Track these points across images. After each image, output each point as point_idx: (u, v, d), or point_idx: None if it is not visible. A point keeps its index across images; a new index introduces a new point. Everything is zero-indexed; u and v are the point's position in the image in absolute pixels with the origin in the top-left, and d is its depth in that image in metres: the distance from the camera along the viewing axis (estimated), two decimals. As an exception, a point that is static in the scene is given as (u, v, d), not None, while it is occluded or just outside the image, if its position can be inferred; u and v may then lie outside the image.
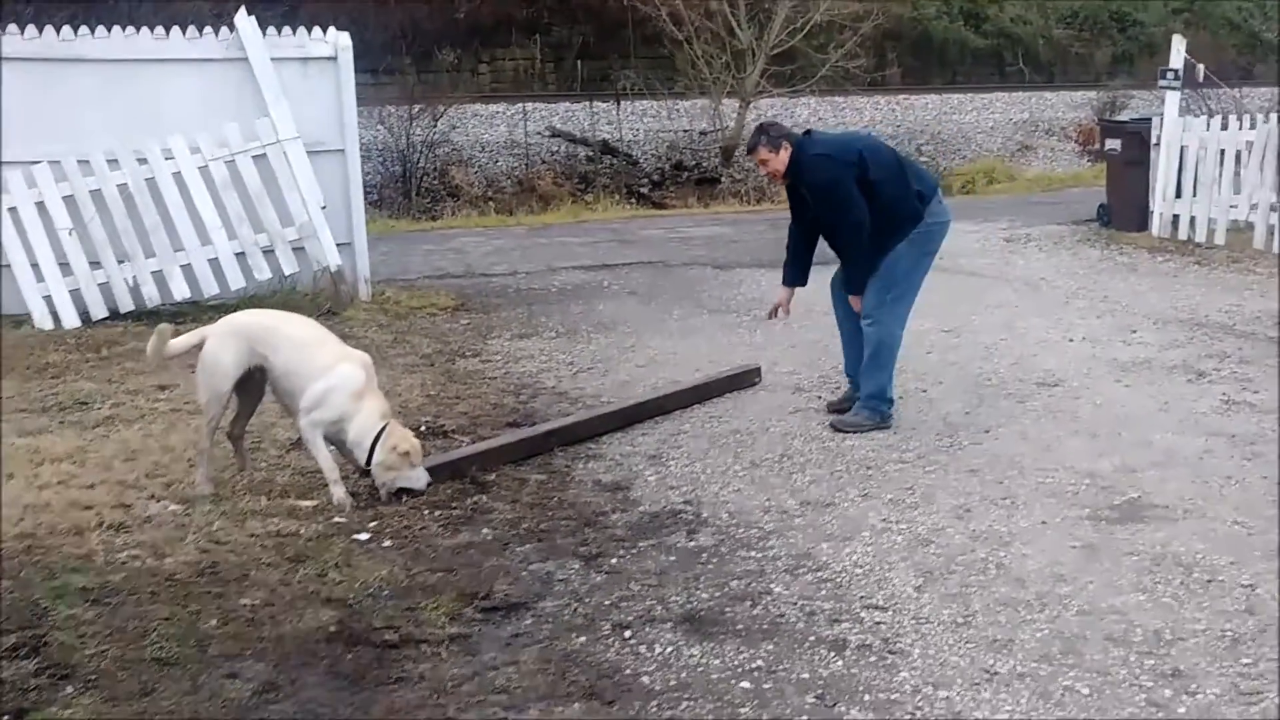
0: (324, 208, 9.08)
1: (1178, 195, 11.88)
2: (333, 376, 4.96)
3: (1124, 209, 12.48)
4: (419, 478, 5.05)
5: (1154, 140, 12.15)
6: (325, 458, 5.00)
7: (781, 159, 5.99)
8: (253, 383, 5.19)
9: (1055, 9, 30.61)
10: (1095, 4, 30.90)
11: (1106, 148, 13.07)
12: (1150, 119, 12.61)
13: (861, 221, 5.86)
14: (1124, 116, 16.66)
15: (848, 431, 6.00)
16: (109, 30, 8.92)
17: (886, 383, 6.10)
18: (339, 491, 4.99)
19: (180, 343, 5.17)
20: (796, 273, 6.38)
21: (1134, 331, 8.18)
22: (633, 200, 19.90)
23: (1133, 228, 12.26)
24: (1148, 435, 5.90)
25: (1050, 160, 23.41)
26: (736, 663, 3.68)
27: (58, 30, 8.79)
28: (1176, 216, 11.91)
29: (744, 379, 6.95)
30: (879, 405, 6.09)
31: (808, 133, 6.32)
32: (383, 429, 4.97)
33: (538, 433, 5.89)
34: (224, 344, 5.06)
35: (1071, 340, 7.97)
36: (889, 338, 6.06)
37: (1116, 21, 30.86)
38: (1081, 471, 5.39)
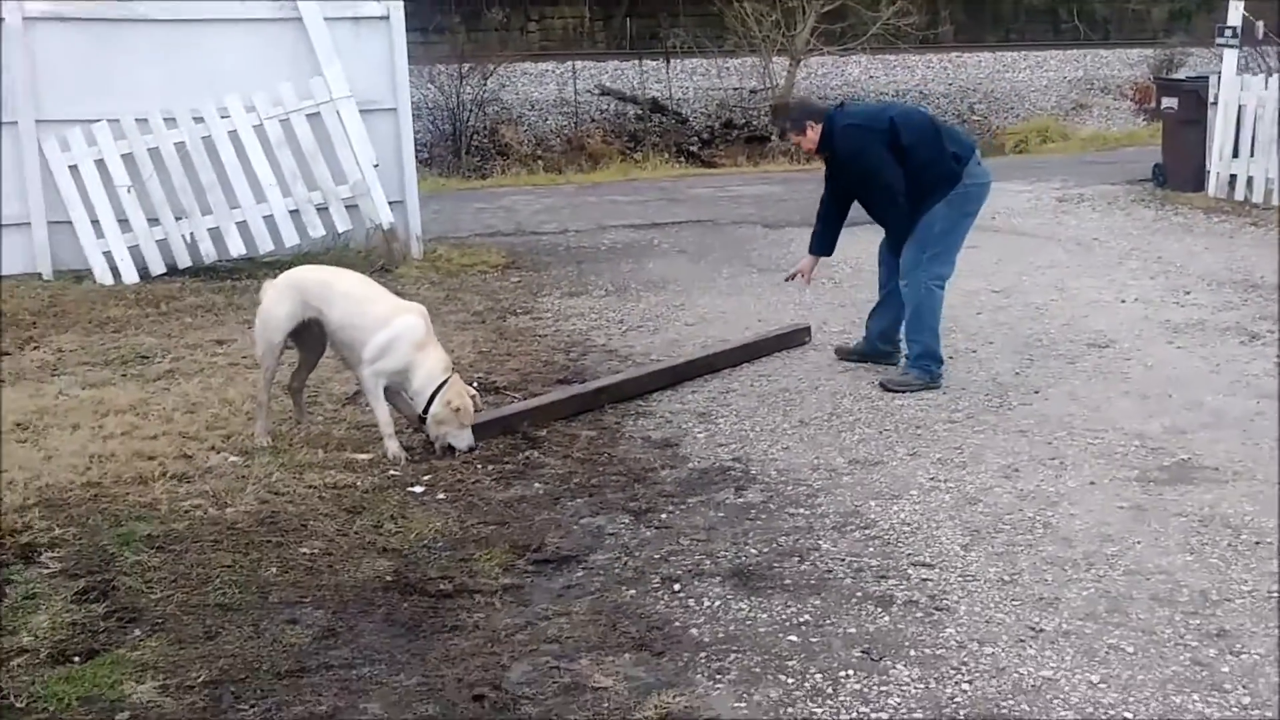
0: (376, 166, 9.17)
1: (1235, 155, 11.68)
2: (395, 327, 5.06)
3: (1180, 169, 12.29)
4: (464, 438, 5.13)
5: (1211, 99, 11.93)
6: (383, 411, 5.11)
7: (811, 137, 6.12)
8: (311, 337, 5.29)
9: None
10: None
11: (1163, 106, 12.85)
12: (1207, 77, 12.38)
13: (893, 185, 5.96)
14: (1181, 74, 16.32)
15: (897, 391, 6.02)
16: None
17: (933, 342, 6.11)
18: (393, 446, 5.09)
19: None
20: (824, 242, 6.49)
21: (1187, 293, 8.09)
22: (682, 159, 19.84)
23: (1188, 188, 12.07)
24: (1199, 397, 5.87)
25: (1105, 119, 23.01)
26: (784, 617, 3.73)
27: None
28: (1233, 176, 11.70)
29: (794, 338, 6.97)
30: (928, 365, 6.11)
31: (841, 105, 6.45)
32: (444, 381, 5.06)
33: (588, 390, 5.96)
34: (278, 298, 5.19)
35: (1123, 301, 7.91)
36: (927, 298, 6.09)
37: (1174, -23, 30.17)
38: (1131, 433, 5.38)
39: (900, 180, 5.94)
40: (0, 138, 8.49)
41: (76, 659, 3.42)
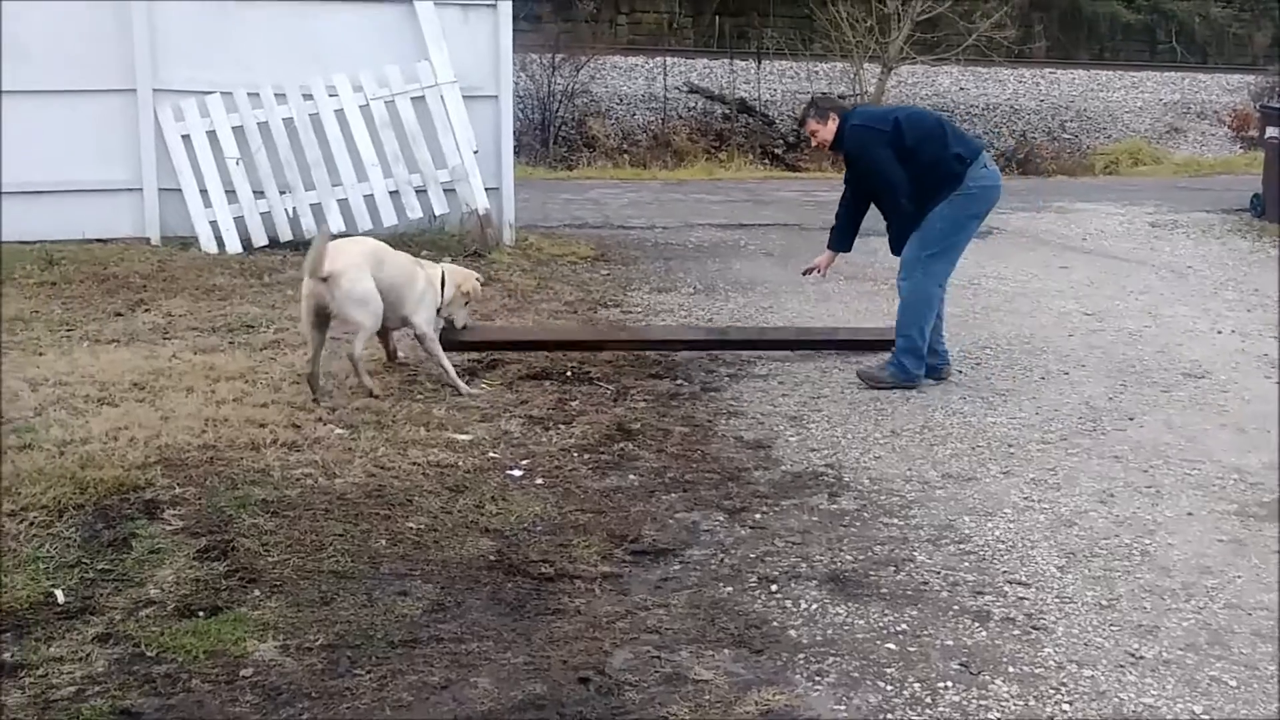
0: (476, 152, 9.31)
1: (1340, 190, 11.46)
2: (421, 286, 5.79)
3: (1280, 200, 12.08)
4: (459, 318, 6.06)
5: (1319, 130, 11.71)
6: (442, 356, 5.82)
7: (830, 129, 6.29)
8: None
9: (1214, -14, 29.42)
10: (1258, -18, 29.61)
11: (1267, 135, 12.63)
12: (1316, 108, 12.14)
13: (895, 185, 6.13)
14: (1285, 104, 15.98)
15: (870, 384, 6.22)
16: (282, -31, 9.24)
17: (919, 339, 6.23)
18: (464, 385, 5.57)
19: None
20: (841, 239, 6.67)
21: (1286, 328, 7.98)
22: (766, 161, 19.85)
23: (1288, 221, 11.87)
24: (1299, 435, 5.80)
25: (1200, 145, 22.62)
26: (881, 624, 3.77)
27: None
28: (1337, 212, 11.49)
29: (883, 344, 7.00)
30: (907, 364, 6.25)
31: (854, 108, 6.81)
32: (442, 273, 5.91)
33: (638, 337, 6.79)
34: (364, 272, 5.53)
35: (1219, 332, 7.82)
36: (921, 294, 6.22)
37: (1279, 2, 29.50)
38: (1228, 466, 5.33)
39: (903, 181, 6.09)
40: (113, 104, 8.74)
41: (201, 614, 3.56)
